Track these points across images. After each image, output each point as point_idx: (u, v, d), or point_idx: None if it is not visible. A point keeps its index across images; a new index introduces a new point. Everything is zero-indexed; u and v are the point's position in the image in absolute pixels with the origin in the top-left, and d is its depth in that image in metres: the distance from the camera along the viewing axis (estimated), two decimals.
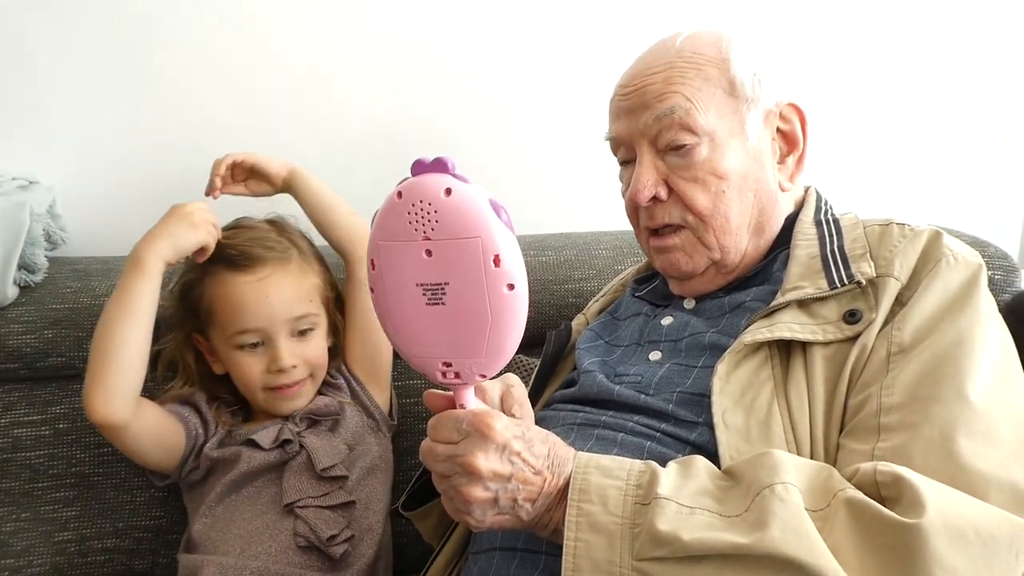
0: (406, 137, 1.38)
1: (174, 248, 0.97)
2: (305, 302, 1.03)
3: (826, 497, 0.64)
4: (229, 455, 1.02)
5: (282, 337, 1.01)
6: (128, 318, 0.95)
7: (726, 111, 0.84)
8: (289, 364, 1.01)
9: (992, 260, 1.13)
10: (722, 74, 0.84)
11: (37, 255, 1.19)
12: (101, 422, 0.95)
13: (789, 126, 0.87)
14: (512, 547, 0.77)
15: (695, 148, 0.83)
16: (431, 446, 0.67)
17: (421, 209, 0.59)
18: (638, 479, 0.66)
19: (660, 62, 0.85)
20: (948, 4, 1.43)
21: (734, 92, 0.84)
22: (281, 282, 1.02)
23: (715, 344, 0.82)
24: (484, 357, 0.63)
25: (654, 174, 0.85)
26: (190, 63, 1.33)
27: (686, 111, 0.82)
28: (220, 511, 1.00)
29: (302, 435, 1.03)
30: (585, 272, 1.24)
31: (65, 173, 1.32)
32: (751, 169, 0.85)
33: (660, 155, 0.85)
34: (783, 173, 0.88)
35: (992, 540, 0.61)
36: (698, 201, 0.84)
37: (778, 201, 0.88)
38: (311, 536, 0.97)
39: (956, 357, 0.71)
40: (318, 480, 1.00)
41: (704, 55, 0.84)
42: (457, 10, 1.36)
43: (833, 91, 1.42)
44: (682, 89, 0.83)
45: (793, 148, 0.88)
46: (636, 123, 0.85)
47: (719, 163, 0.83)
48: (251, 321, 1.00)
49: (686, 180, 0.84)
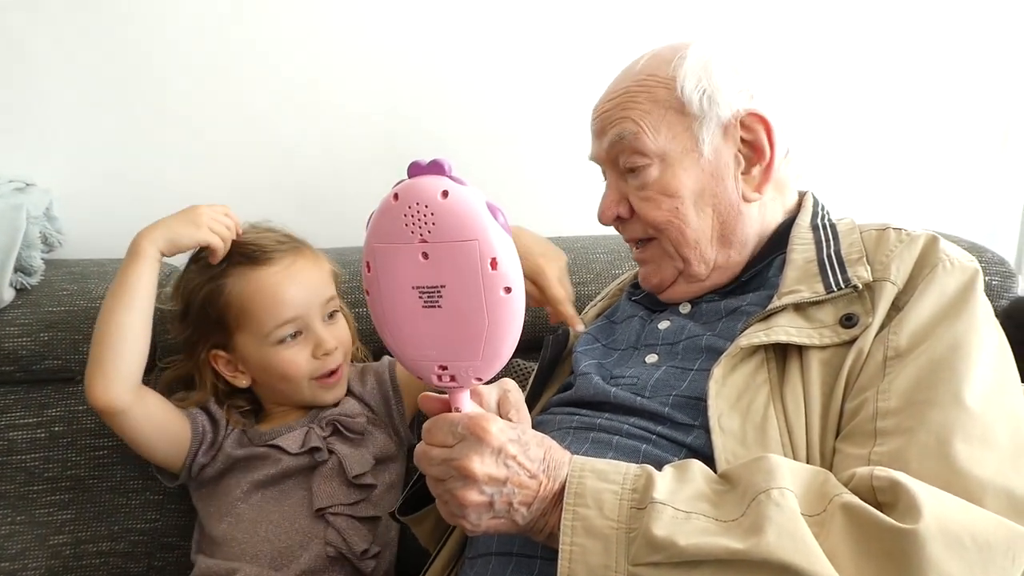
0: (402, 140, 1.38)
1: (169, 240, 0.99)
2: (329, 285, 1.07)
3: (822, 502, 0.64)
4: (253, 455, 1.01)
5: (318, 322, 1.03)
6: (123, 303, 0.97)
7: (678, 129, 0.85)
8: (333, 345, 1.03)
9: (989, 266, 1.14)
10: (670, 94, 0.85)
11: (33, 257, 1.19)
12: (102, 407, 0.96)
13: (752, 135, 0.86)
14: (508, 552, 0.77)
15: (647, 169, 0.86)
16: (426, 450, 0.67)
17: (417, 211, 0.59)
18: (634, 483, 0.66)
19: (618, 88, 0.89)
20: (945, 8, 1.43)
21: (684, 111, 0.85)
22: (306, 268, 1.04)
23: (711, 347, 0.82)
24: (480, 360, 0.63)
25: (616, 195, 0.90)
26: (187, 65, 1.33)
27: (634, 135, 0.85)
28: (245, 510, 1.00)
29: (329, 441, 1.03)
30: (583, 276, 1.24)
31: (62, 175, 1.32)
32: (707, 184, 0.86)
33: (622, 176, 0.89)
34: (749, 184, 0.87)
35: (988, 546, 0.61)
36: (651, 217, 0.87)
37: (742, 212, 0.87)
38: (343, 547, 0.97)
39: (952, 362, 0.71)
40: (348, 487, 1.01)
41: (656, 76, 0.86)
42: (454, 13, 1.37)
43: (831, 97, 1.42)
44: (631, 114, 0.86)
45: (760, 157, 0.86)
46: (600, 147, 0.90)
47: (670, 182, 0.85)
48: (289, 310, 1.00)
49: (641, 200, 0.87)
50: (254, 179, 1.36)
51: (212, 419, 1.05)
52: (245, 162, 1.37)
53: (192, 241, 1.00)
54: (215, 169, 1.35)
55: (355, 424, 1.04)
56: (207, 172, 1.35)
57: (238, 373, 1.05)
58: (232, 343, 1.03)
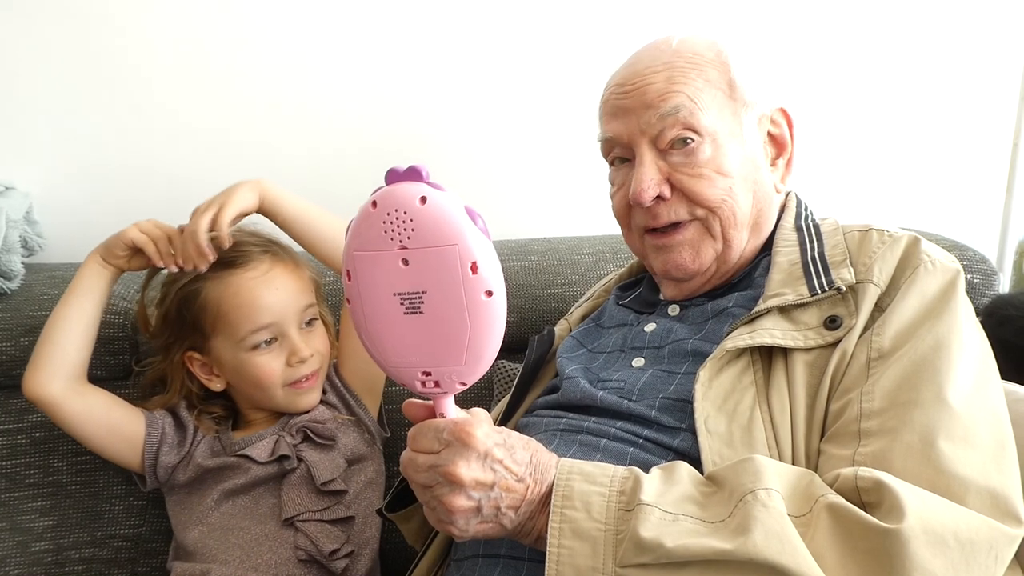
0: (388, 143, 1.37)
1: (104, 245, 1.02)
2: (308, 292, 1.05)
3: (808, 503, 0.64)
4: (224, 464, 1.01)
5: (294, 329, 1.02)
6: (62, 301, 1.02)
7: (726, 113, 0.84)
8: (307, 354, 1.02)
9: (971, 264, 1.14)
10: (722, 76, 0.85)
11: (13, 262, 1.18)
12: (33, 398, 0.99)
13: (779, 130, 0.89)
14: (495, 553, 0.77)
15: (699, 147, 0.83)
16: (412, 457, 0.67)
17: (397, 218, 0.59)
18: (621, 485, 0.66)
19: (659, 61, 0.85)
20: (930, 12, 1.44)
21: (733, 95, 0.85)
22: (284, 274, 1.03)
23: (698, 350, 0.82)
24: (464, 365, 0.63)
25: (657, 173, 0.84)
26: (168, 69, 1.32)
27: (690, 111, 0.82)
28: (216, 518, 1.00)
29: (299, 448, 1.02)
30: (568, 277, 1.24)
31: (42, 179, 1.32)
32: (749, 170, 0.86)
33: (662, 154, 0.84)
34: (775, 175, 0.89)
35: (971, 544, 0.62)
36: (705, 195, 0.83)
37: (773, 202, 0.89)
38: (312, 550, 0.97)
39: (935, 362, 0.71)
40: (318, 494, 1.00)
41: (703, 56, 0.85)
42: (440, 16, 1.36)
43: (816, 97, 1.43)
44: (685, 89, 0.83)
45: (782, 151, 0.90)
46: (637, 122, 0.84)
47: (723, 162, 0.83)
48: (265, 316, 1.00)
49: (691, 177, 0.83)
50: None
51: (179, 422, 1.05)
52: (228, 166, 1.34)
53: (120, 242, 1.00)
54: (197, 173, 1.34)
55: (325, 430, 1.04)
56: (188, 176, 1.33)
57: (213, 376, 1.05)
58: (207, 346, 1.03)
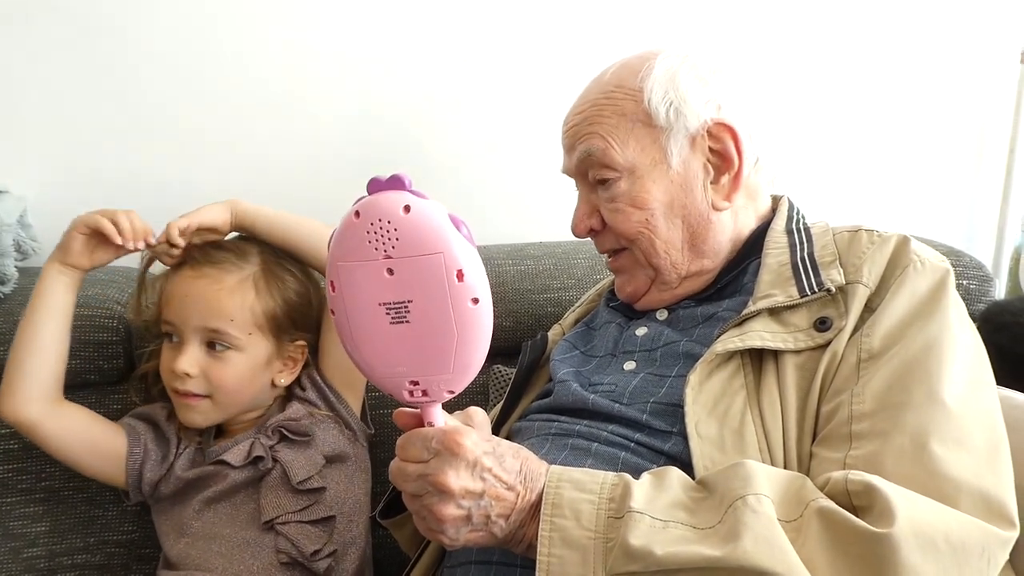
0: (380, 149, 1.37)
1: (60, 247, 1.00)
2: (224, 319, 0.98)
3: (799, 507, 0.64)
4: (202, 475, 1.01)
5: (193, 342, 0.99)
6: (25, 319, 0.99)
7: (646, 142, 0.85)
8: (183, 370, 0.98)
9: (967, 270, 1.14)
10: (637, 106, 0.85)
11: (7, 265, 1.17)
12: (10, 421, 0.99)
13: (720, 145, 0.86)
14: (488, 560, 0.76)
15: (616, 182, 0.86)
16: (401, 466, 0.67)
17: (380, 228, 0.58)
18: (611, 492, 0.65)
19: (586, 102, 0.89)
20: (926, 16, 1.43)
21: (651, 123, 0.85)
22: (207, 288, 0.98)
23: (688, 353, 0.82)
24: (451, 373, 0.63)
25: (587, 207, 0.90)
26: (163, 73, 1.32)
27: (602, 151, 0.86)
28: (198, 528, 0.99)
29: (275, 449, 1.01)
30: (564, 281, 1.23)
31: (36, 183, 1.31)
32: (676, 195, 0.86)
33: (593, 189, 0.90)
34: (718, 192, 0.87)
35: (963, 547, 0.61)
36: (621, 229, 0.88)
37: (712, 221, 0.87)
38: (293, 552, 0.96)
39: (926, 363, 0.71)
40: (295, 493, 0.99)
41: (623, 88, 0.86)
42: (433, 19, 1.35)
43: (809, 103, 1.43)
44: (598, 129, 0.86)
45: (728, 166, 0.86)
46: (570, 161, 0.91)
47: (639, 195, 0.86)
48: (169, 311, 1.00)
49: (611, 212, 0.88)
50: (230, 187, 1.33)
51: (160, 436, 1.04)
52: (221, 170, 1.35)
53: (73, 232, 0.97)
54: (190, 177, 1.34)
55: (300, 427, 1.03)
56: (182, 180, 1.33)
57: None
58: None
